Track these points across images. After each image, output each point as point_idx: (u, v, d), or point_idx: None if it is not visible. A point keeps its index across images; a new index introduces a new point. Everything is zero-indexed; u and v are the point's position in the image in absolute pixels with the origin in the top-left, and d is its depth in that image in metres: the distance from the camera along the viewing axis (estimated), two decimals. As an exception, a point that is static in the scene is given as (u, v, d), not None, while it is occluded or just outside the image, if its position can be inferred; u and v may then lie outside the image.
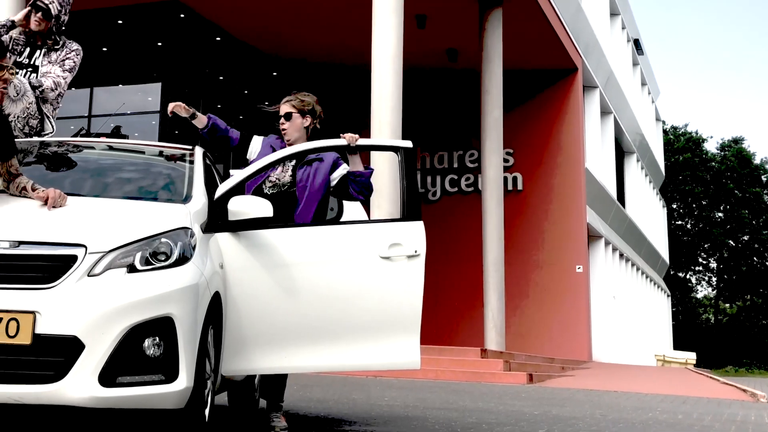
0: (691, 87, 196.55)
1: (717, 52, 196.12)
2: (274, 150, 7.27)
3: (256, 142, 7.43)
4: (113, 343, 5.02)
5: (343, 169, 7.29)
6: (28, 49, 7.81)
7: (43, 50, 7.80)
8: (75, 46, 7.94)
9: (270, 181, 7.18)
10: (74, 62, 7.87)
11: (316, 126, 7.47)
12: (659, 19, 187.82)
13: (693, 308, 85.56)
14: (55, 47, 7.85)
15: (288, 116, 7.30)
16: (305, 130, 7.39)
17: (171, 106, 7.25)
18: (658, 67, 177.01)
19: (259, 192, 6.99)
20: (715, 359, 73.13)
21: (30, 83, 7.48)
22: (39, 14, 7.79)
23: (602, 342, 34.66)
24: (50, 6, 7.76)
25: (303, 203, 7.11)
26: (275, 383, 7.40)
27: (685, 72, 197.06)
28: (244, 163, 7.35)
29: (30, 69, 7.69)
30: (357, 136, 6.81)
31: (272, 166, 6.84)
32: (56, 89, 7.61)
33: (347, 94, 31.85)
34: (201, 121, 7.28)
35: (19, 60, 7.71)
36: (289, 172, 7.19)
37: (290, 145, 7.29)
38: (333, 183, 7.26)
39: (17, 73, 6.56)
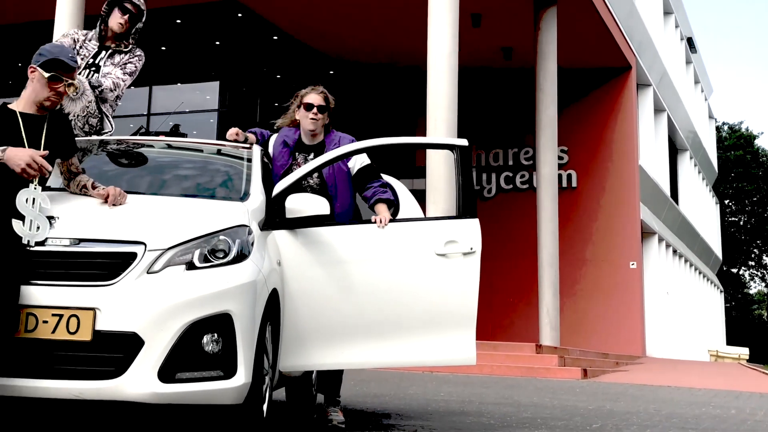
0: (743, 84, 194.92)
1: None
2: (286, 142, 7.25)
3: (273, 140, 7.45)
4: (172, 340, 5.00)
5: (357, 162, 7.22)
6: (96, 49, 7.80)
7: (109, 51, 7.79)
8: (139, 51, 7.93)
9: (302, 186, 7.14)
10: (135, 67, 7.85)
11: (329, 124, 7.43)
12: (712, 17, 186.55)
13: (746, 304, 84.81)
14: (122, 50, 7.84)
15: (322, 108, 7.24)
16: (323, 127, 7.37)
17: (230, 134, 7.39)
18: (710, 65, 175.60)
19: (300, 184, 6.91)
20: (768, 354, 72.51)
21: (90, 83, 7.48)
22: (126, 17, 7.79)
23: (656, 337, 34.44)
24: (140, 12, 7.83)
25: (339, 200, 7.08)
26: (332, 378, 7.38)
27: (738, 69, 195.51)
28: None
29: (93, 68, 7.68)
30: (388, 220, 6.72)
31: (329, 164, 6.80)
32: (115, 90, 7.59)
33: (400, 94, 31.87)
34: (251, 138, 7.42)
35: (84, 59, 7.72)
36: (315, 174, 7.12)
37: (314, 135, 7.29)
38: (352, 173, 7.21)
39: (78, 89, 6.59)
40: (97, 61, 7.73)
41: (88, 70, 7.64)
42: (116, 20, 7.78)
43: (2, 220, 5.11)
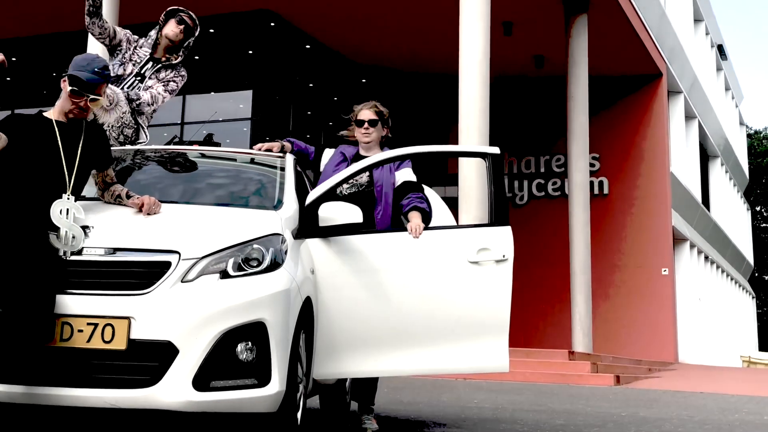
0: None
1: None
2: (344, 156, 7.32)
3: (327, 153, 7.54)
4: (207, 348, 4.98)
5: (403, 174, 7.27)
6: (143, 60, 7.84)
7: (157, 66, 7.82)
8: (184, 72, 8.00)
9: (348, 183, 7.17)
10: (177, 86, 7.91)
11: (388, 135, 7.51)
12: (742, 24, 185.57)
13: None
14: (168, 66, 7.87)
15: (373, 122, 7.31)
16: (381, 138, 7.43)
17: (260, 147, 7.47)
18: (741, 72, 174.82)
19: (334, 193, 6.92)
20: (801, 360, 71.85)
21: (127, 95, 7.50)
22: (182, 27, 7.85)
23: (688, 343, 34.26)
24: (196, 29, 7.90)
25: (383, 203, 7.09)
26: (367, 386, 7.36)
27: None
28: (318, 175, 7.49)
29: (138, 78, 7.72)
30: (422, 228, 6.72)
31: (361, 172, 6.79)
32: (152, 105, 7.62)
33: (433, 102, 31.87)
34: (287, 147, 7.45)
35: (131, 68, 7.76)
36: (366, 173, 7.17)
37: (370, 148, 7.36)
38: (396, 185, 7.25)
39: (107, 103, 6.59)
40: (142, 71, 7.76)
41: (133, 79, 7.68)
42: (172, 29, 7.85)
43: (38, 231, 5.11)
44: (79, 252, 5.11)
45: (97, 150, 5.69)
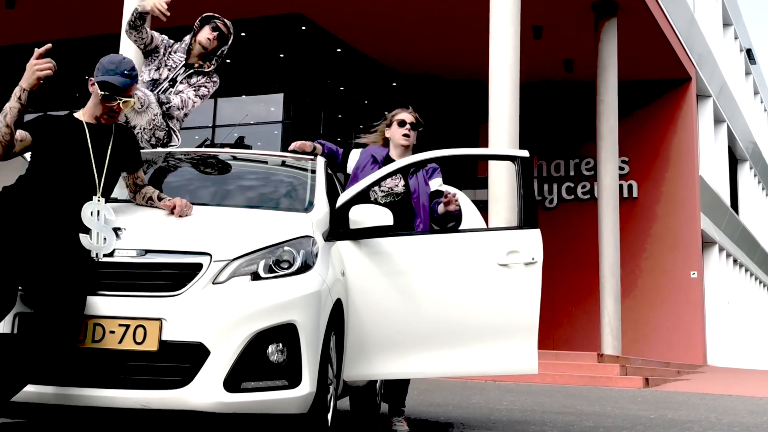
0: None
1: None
2: (374, 158, 7.30)
3: (355, 155, 7.54)
4: (238, 349, 4.96)
5: (437, 184, 7.33)
6: (178, 64, 7.82)
7: (189, 71, 7.80)
8: (215, 78, 7.93)
9: (383, 191, 7.15)
10: (208, 91, 7.86)
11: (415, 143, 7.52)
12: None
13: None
14: (202, 72, 7.84)
15: (414, 126, 7.32)
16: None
17: (295, 146, 7.47)
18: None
19: (366, 195, 6.92)
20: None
21: (158, 98, 7.49)
22: (215, 34, 7.81)
23: (717, 346, 34.09)
24: (230, 36, 7.87)
25: (422, 214, 7.10)
26: (398, 388, 7.35)
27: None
28: (347, 176, 7.53)
29: (170, 82, 7.70)
30: (455, 197, 6.76)
31: (393, 174, 6.78)
32: (182, 109, 7.59)
33: (461, 105, 31.85)
34: (318, 149, 7.45)
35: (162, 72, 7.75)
36: (401, 182, 7.16)
37: (404, 152, 7.39)
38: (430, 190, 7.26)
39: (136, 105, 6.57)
40: (175, 76, 7.74)
41: (166, 83, 7.67)
42: (206, 35, 7.80)
43: (69, 232, 5.11)
44: (111, 254, 5.10)
45: (126, 152, 5.67)
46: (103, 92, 5.48)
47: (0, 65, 30.42)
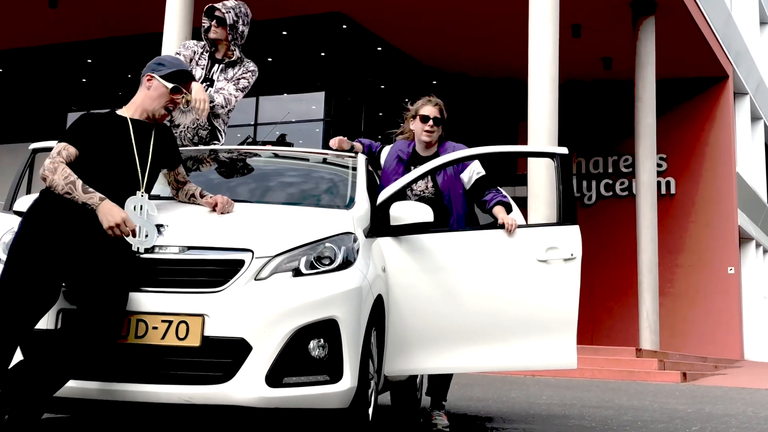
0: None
1: None
2: (401, 157, 7.20)
3: (385, 152, 7.38)
4: (280, 345, 4.93)
5: (473, 173, 7.16)
6: (208, 62, 7.74)
7: (221, 66, 7.72)
8: (252, 66, 7.75)
9: (415, 194, 7.08)
10: (248, 83, 7.71)
11: (441, 134, 7.34)
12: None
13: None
14: (233, 63, 7.74)
15: (437, 121, 7.17)
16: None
17: (333, 142, 7.40)
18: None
19: (404, 192, 6.83)
20: None
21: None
22: (213, 21, 7.70)
23: (754, 341, 33.82)
24: (226, 15, 7.64)
25: (455, 211, 7.02)
26: (440, 382, 7.32)
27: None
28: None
29: (207, 83, 7.62)
30: (516, 224, 6.63)
31: (431, 173, 6.74)
32: (226, 107, 7.50)
33: (501, 102, 31.77)
34: (358, 147, 7.38)
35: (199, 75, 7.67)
36: (431, 183, 7.08)
37: (429, 147, 7.24)
38: (468, 186, 7.12)
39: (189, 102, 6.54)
40: (210, 75, 7.68)
41: (204, 85, 7.58)
42: (209, 28, 7.70)
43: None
44: (153, 250, 5.09)
45: (166, 149, 5.67)
46: (173, 84, 5.52)
47: (44, 63, 30.75)
